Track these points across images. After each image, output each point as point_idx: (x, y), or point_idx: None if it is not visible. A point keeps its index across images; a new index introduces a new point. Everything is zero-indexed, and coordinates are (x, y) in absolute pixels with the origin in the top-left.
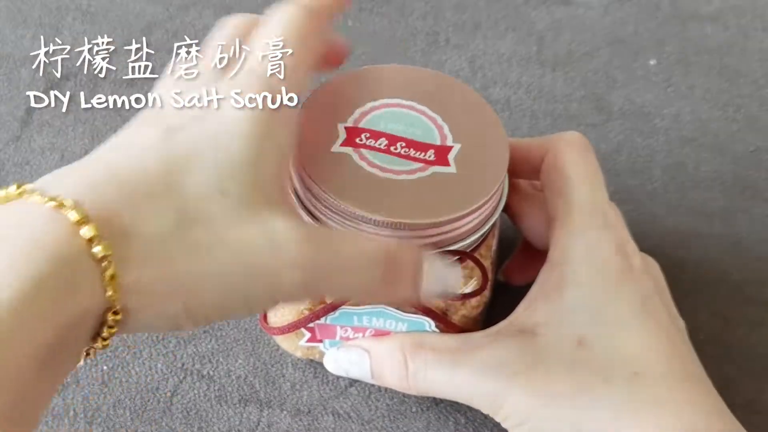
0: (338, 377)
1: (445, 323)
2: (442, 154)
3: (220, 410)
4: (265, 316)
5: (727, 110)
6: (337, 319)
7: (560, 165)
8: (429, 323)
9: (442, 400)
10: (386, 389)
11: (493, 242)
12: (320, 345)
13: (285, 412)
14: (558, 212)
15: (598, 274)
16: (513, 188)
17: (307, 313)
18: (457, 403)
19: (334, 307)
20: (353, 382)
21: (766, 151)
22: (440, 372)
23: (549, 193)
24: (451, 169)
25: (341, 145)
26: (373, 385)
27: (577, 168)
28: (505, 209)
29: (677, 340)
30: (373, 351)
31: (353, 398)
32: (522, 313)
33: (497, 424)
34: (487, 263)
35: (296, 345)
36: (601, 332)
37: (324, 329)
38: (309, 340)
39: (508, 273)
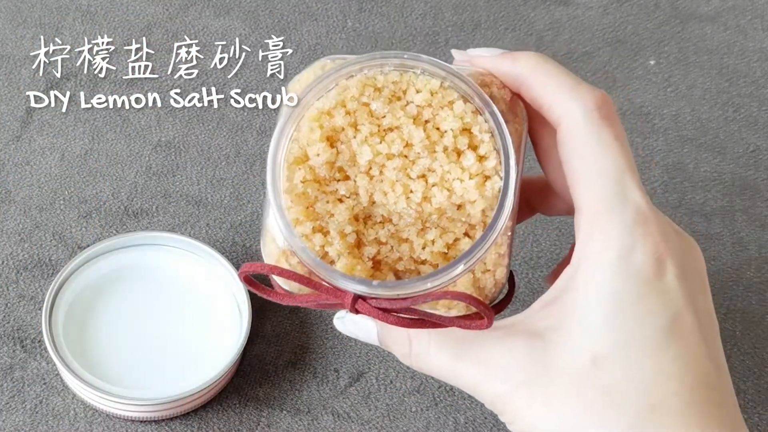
0: (338, 377)
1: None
2: None
3: (221, 410)
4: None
5: (727, 110)
6: None
7: (580, 147)
8: None
9: (442, 400)
10: (386, 389)
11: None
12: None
13: (285, 412)
14: (583, 203)
15: (623, 283)
16: (541, 122)
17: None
18: (456, 403)
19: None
20: (353, 381)
21: (766, 151)
22: (442, 359)
23: (570, 175)
24: None
25: None
26: (373, 385)
27: (601, 150)
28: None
29: (706, 365)
30: (381, 323)
31: (353, 398)
32: (536, 313)
33: (496, 425)
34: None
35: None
36: (619, 353)
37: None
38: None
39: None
